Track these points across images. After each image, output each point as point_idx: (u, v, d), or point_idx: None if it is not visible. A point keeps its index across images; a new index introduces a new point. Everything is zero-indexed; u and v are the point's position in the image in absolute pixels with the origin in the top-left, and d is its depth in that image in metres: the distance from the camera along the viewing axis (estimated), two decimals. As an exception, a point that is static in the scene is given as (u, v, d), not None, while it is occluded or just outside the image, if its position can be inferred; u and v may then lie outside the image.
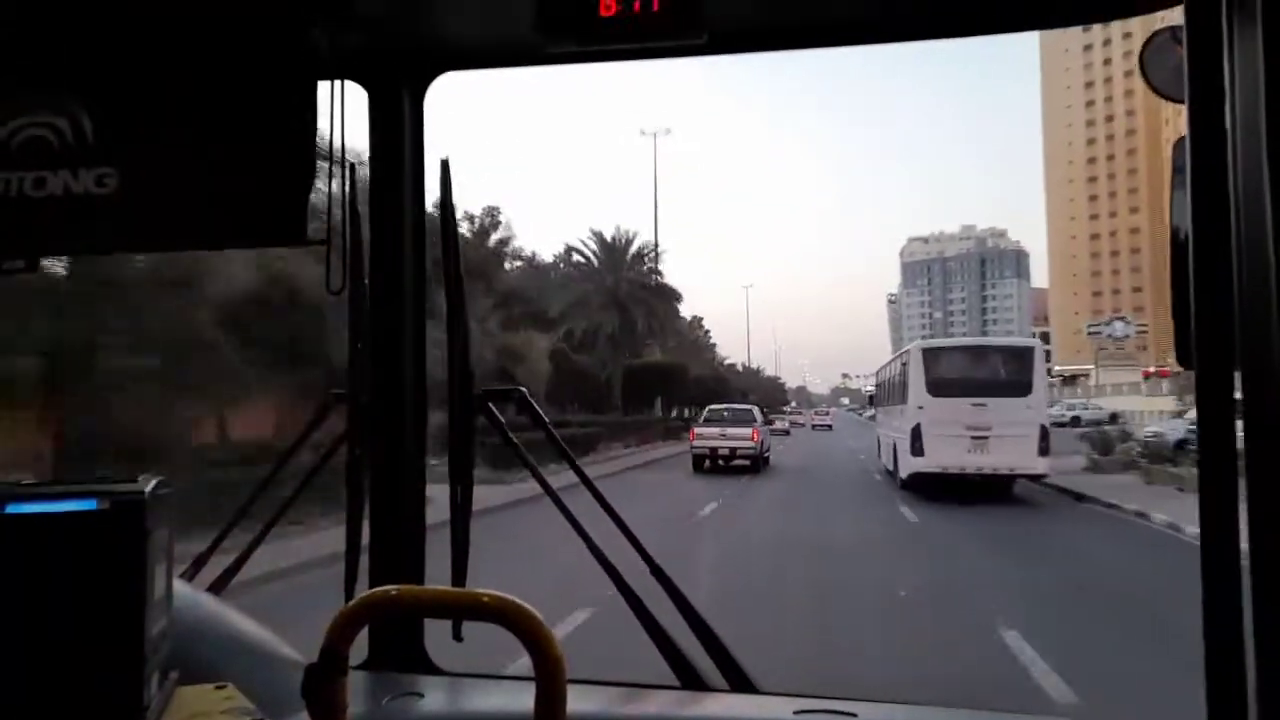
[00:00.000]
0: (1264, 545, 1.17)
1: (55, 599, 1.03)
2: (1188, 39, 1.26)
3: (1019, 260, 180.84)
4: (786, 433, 50.29)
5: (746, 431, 24.86)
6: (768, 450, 26.65)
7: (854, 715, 1.47)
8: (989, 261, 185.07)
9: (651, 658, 1.66)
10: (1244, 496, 1.20)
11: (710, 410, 27.16)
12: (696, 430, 25.99)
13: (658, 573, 1.71)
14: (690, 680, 1.61)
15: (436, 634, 1.66)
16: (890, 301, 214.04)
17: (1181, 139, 1.27)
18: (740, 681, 1.61)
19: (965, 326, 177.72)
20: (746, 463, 24.51)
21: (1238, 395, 1.21)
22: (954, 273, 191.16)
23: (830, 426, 64.43)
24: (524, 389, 1.80)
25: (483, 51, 1.76)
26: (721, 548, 12.18)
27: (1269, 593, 1.16)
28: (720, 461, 24.52)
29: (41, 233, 1.28)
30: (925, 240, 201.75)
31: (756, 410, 28.18)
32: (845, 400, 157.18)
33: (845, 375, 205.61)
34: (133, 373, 11.68)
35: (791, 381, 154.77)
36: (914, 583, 9.70)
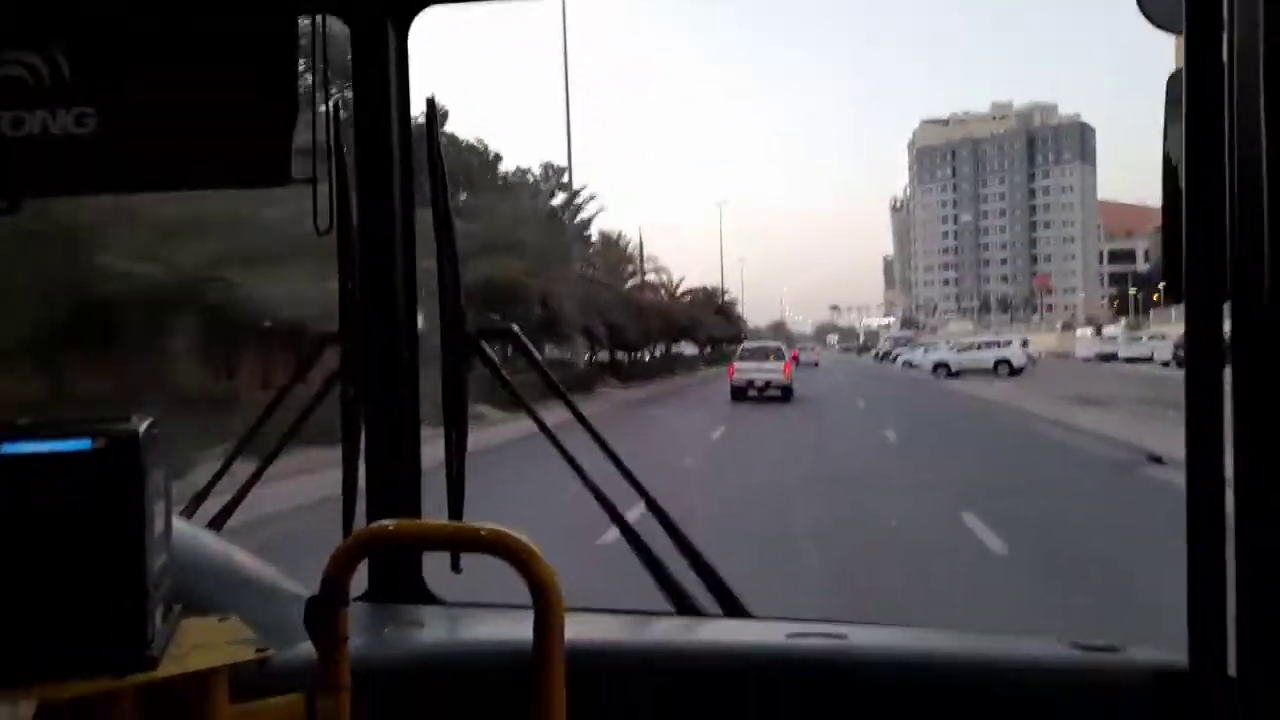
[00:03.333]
0: (1249, 477, 1.19)
1: (55, 538, 1.04)
2: None
3: (1083, 137, 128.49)
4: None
5: (779, 365, 28.63)
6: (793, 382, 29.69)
7: (844, 637, 1.51)
8: (1040, 142, 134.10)
9: (646, 585, 1.70)
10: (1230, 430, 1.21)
11: (745, 349, 31.29)
12: (736, 365, 29.51)
13: (653, 506, 1.74)
14: (685, 607, 1.65)
15: (436, 568, 1.69)
16: (894, 208, 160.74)
17: (1177, 71, 1.25)
18: (734, 607, 1.66)
19: (1005, 233, 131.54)
20: (779, 393, 27.74)
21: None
22: (989, 159, 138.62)
23: (817, 364, 61.84)
24: (516, 326, 1.81)
25: None
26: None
27: (1251, 525, 1.18)
28: (755, 392, 27.66)
29: (21, 173, 1.26)
30: (945, 123, 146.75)
31: (784, 347, 33.27)
32: (833, 339, 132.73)
33: (834, 308, 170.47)
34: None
35: (768, 317, 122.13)
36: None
